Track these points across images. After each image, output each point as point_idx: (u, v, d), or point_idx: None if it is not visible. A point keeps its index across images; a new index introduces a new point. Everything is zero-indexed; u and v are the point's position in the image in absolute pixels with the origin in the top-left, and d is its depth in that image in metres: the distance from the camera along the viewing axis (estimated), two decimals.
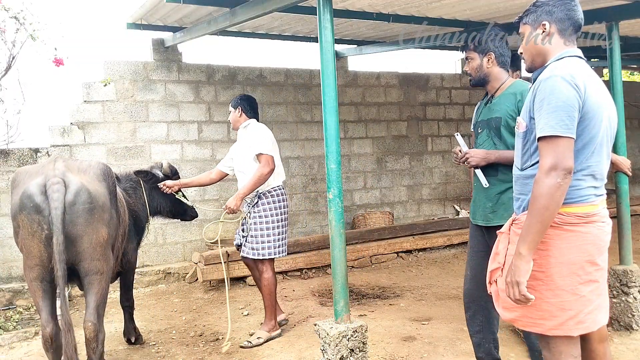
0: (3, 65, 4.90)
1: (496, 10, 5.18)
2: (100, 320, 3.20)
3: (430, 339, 3.98)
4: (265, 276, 4.18)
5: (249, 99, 4.45)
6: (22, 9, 4.73)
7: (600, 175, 2.11)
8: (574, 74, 2.03)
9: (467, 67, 3.06)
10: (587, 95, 2.02)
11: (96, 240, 3.16)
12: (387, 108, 8.02)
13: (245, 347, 4.04)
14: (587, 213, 2.06)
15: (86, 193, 3.12)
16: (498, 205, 2.89)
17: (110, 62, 6.23)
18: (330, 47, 3.28)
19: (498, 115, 2.90)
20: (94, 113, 6.12)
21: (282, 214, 4.23)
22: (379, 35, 6.71)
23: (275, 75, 7.18)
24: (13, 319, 4.86)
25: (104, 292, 3.28)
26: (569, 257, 2.04)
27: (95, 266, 3.18)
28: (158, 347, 4.16)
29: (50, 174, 3.09)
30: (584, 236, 2.05)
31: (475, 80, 3.05)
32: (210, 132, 6.77)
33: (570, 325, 2.04)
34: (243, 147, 4.27)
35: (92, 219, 3.13)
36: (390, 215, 7.70)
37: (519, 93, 2.85)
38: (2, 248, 5.68)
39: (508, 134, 2.87)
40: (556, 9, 2.17)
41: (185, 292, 5.80)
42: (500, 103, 2.93)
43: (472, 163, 2.92)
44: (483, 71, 3.00)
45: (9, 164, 5.70)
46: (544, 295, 2.06)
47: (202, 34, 5.56)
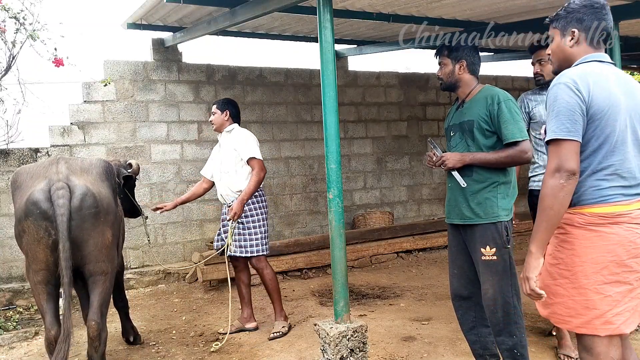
0: (3, 65, 4.90)
1: (496, 10, 5.18)
2: (103, 320, 3.23)
3: (430, 339, 3.98)
4: (266, 272, 4.33)
5: (234, 103, 4.55)
6: (22, 9, 4.73)
7: (630, 174, 2.10)
8: (577, 78, 2.08)
9: (440, 72, 3.17)
10: (592, 97, 2.06)
11: (102, 243, 3.18)
12: (387, 108, 8.02)
13: (275, 338, 4.21)
14: (611, 213, 2.06)
15: (92, 197, 3.12)
16: (474, 205, 2.96)
17: (110, 62, 6.23)
18: (330, 47, 3.29)
19: (471, 119, 2.99)
20: (94, 113, 6.12)
21: (265, 213, 4.39)
22: (379, 35, 6.71)
23: (275, 75, 7.18)
24: (13, 319, 4.86)
25: (108, 292, 3.30)
26: (593, 257, 2.07)
27: (100, 267, 3.20)
28: (158, 347, 4.16)
29: (54, 178, 3.07)
30: (608, 237, 2.06)
31: (446, 84, 3.18)
32: (210, 132, 6.75)
33: (597, 324, 2.07)
34: (228, 150, 4.37)
35: (98, 222, 3.14)
36: (390, 215, 7.70)
37: (490, 97, 2.96)
38: (2, 248, 5.68)
39: (481, 135, 2.97)
40: (587, 17, 2.20)
41: (185, 292, 5.80)
42: (471, 107, 3.03)
43: (449, 165, 3.00)
44: (454, 77, 3.12)
45: (9, 164, 5.70)
46: (570, 293, 2.12)
47: (202, 34, 5.56)
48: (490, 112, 2.93)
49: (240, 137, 4.33)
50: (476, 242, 2.97)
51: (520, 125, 2.91)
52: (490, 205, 2.93)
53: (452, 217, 3.12)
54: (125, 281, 5.98)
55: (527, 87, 9.26)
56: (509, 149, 2.91)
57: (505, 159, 2.92)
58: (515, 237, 7.61)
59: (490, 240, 2.93)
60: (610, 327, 2.06)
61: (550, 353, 3.62)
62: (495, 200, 2.94)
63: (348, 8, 5.11)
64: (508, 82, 9.18)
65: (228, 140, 4.40)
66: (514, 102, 2.96)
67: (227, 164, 4.35)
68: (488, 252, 2.93)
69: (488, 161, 2.94)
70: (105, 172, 3.39)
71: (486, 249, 2.93)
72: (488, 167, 2.95)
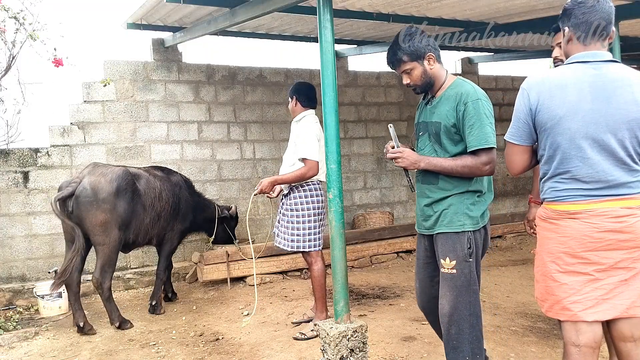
0: (3, 65, 4.89)
1: (496, 10, 5.19)
2: (103, 275, 4.44)
3: (430, 339, 3.98)
4: (314, 267, 4.18)
5: (305, 87, 4.30)
6: (22, 9, 4.73)
7: (592, 178, 2.15)
8: (532, 86, 2.24)
9: (409, 80, 2.78)
10: (540, 107, 2.19)
11: (95, 222, 4.39)
12: (387, 108, 8.02)
13: (299, 339, 4.08)
14: (566, 211, 2.20)
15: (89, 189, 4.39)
16: (438, 213, 2.71)
17: (110, 62, 6.23)
18: (330, 47, 3.28)
19: (437, 120, 2.69)
20: (94, 113, 6.12)
21: (316, 209, 4.16)
22: (379, 35, 6.71)
23: (275, 75, 7.18)
24: (13, 319, 4.86)
25: (107, 258, 4.46)
26: (549, 247, 2.26)
27: (96, 240, 4.45)
28: (158, 347, 4.16)
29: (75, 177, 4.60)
30: (562, 229, 2.21)
31: (422, 87, 2.79)
32: (210, 132, 6.77)
33: (557, 309, 2.24)
34: (291, 141, 4.25)
35: (92, 207, 4.37)
36: (390, 215, 7.70)
37: (458, 95, 2.64)
38: (2, 248, 5.68)
39: (448, 141, 2.68)
40: (574, 14, 2.24)
41: (185, 292, 5.80)
42: (440, 105, 2.72)
43: (401, 165, 2.74)
44: (428, 75, 2.75)
45: (9, 164, 5.70)
46: (540, 279, 2.32)
47: (202, 34, 5.56)
48: (457, 113, 2.62)
49: (302, 132, 4.11)
50: (438, 253, 2.74)
51: (486, 131, 2.56)
52: (454, 212, 2.67)
53: (419, 225, 2.89)
54: (125, 281, 6.01)
55: None
56: (467, 157, 2.62)
57: (462, 169, 2.63)
58: (515, 237, 7.67)
59: (450, 251, 2.67)
60: (568, 313, 2.20)
61: (551, 353, 3.62)
62: (462, 208, 2.67)
63: (348, 8, 5.12)
64: (508, 82, 9.18)
65: (294, 131, 4.26)
66: (485, 102, 2.62)
67: (287, 155, 4.25)
68: (448, 264, 2.67)
69: (443, 169, 2.66)
70: (117, 177, 4.53)
71: (446, 261, 2.67)
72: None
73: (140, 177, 4.82)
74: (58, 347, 4.24)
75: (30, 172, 5.79)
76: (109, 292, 4.51)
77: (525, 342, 3.81)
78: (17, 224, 5.74)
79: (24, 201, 5.76)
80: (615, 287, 2.16)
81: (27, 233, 5.78)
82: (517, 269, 6.09)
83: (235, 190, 6.89)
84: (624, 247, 2.14)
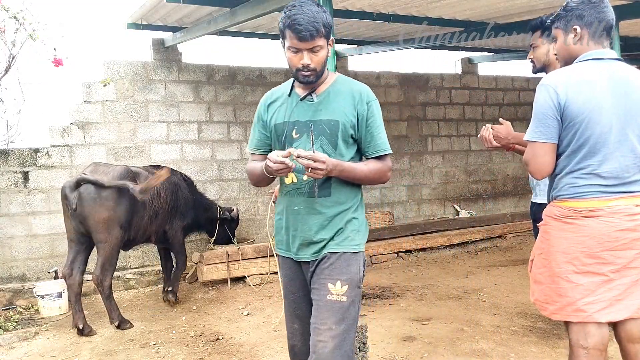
0: (3, 65, 4.90)
1: (496, 10, 5.19)
2: (103, 273, 4.49)
3: (430, 339, 3.98)
4: None
5: None
6: (22, 9, 4.73)
7: (611, 174, 2.14)
8: (557, 82, 2.16)
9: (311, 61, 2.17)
10: (568, 102, 2.13)
11: (98, 219, 4.44)
12: (387, 108, 8.01)
13: None
14: (584, 208, 2.15)
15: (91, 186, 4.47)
16: (331, 233, 2.21)
17: (110, 62, 6.23)
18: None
19: (333, 118, 2.20)
20: (94, 113, 6.12)
21: None
22: (379, 35, 6.72)
23: (275, 75, 7.18)
24: (13, 319, 4.87)
25: (108, 256, 4.51)
26: (565, 247, 2.18)
27: (98, 237, 4.50)
28: (158, 347, 4.16)
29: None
30: (580, 228, 2.15)
31: (318, 74, 2.23)
32: (210, 132, 6.77)
33: (569, 311, 2.17)
34: None
35: (96, 204, 4.43)
36: (390, 215, 7.70)
37: (357, 92, 2.26)
38: (2, 248, 5.68)
39: (343, 142, 2.22)
40: (586, 13, 2.23)
41: (185, 292, 5.80)
42: (330, 102, 2.24)
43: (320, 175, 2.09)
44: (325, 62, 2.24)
45: (9, 164, 5.70)
46: (547, 280, 2.24)
47: (202, 34, 5.56)
48: (358, 113, 2.23)
49: None
50: (320, 276, 2.19)
51: (385, 135, 2.29)
52: (351, 230, 2.23)
53: (298, 251, 2.27)
54: (125, 281, 6.01)
55: (527, 87, 9.27)
56: (375, 162, 2.26)
57: (374, 175, 2.25)
58: (515, 237, 7.67)
59: (342, 274, 2.16)
60: (582, 315, 2.15)
61: (551, 353, 3.62)
62: (356, 224, 2.26)
63: (348, 8, 5.12)
64: (508, 82, 9.18)
65: None
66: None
67: None
68: (337, 289, 2.15)
69: (355, 176, 2.22)
70: (119, 174, 4.59)
71: (336, 286, 2.15)
72: (348, 183, 2.24)
73: (141, 175, 4.87)
74: (58, 347, 4.24)
75: (30, 172, 5.79)
76: (109, 290, 4.55)
77: (525, 342, 3.81)
78: (17, 224, 5.74)
79: (24, 201, 5.76)
80: (627, 287, 2.15)
81: (27, 233, 5.78)
82: (517, 269, 6.08)
83: (235, 191, 6.89)
84: (636, 247, 2.13)
